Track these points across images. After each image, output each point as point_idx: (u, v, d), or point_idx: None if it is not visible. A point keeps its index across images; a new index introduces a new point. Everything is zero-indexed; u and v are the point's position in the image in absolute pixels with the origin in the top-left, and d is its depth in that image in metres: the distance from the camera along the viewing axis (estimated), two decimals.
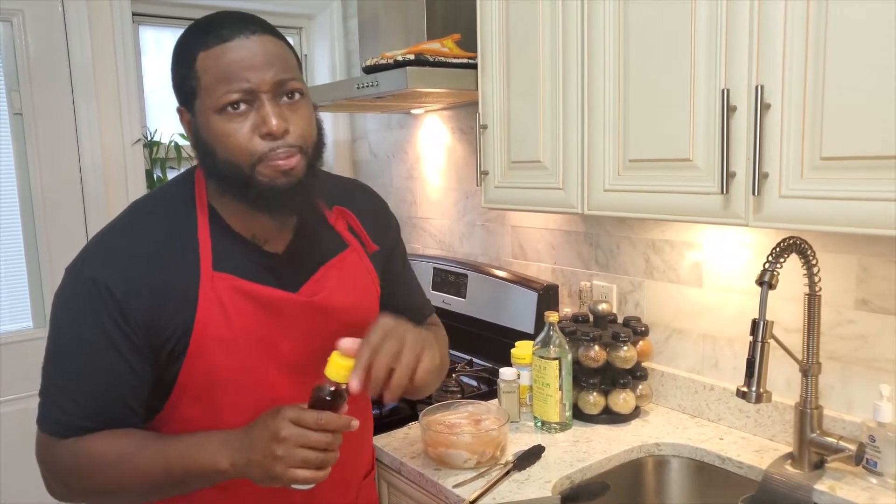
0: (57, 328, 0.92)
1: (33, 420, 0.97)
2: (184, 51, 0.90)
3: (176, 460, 0.86)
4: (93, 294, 0.87)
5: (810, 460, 1.24)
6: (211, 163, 0.89)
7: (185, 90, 0.90)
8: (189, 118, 0.92)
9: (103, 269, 0.88)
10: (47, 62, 2.01)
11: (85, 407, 0.90)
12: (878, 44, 0.91)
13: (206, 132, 0.88)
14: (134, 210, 0.97)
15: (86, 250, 0.93)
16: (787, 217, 1.03)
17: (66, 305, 0.91)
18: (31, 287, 2.06)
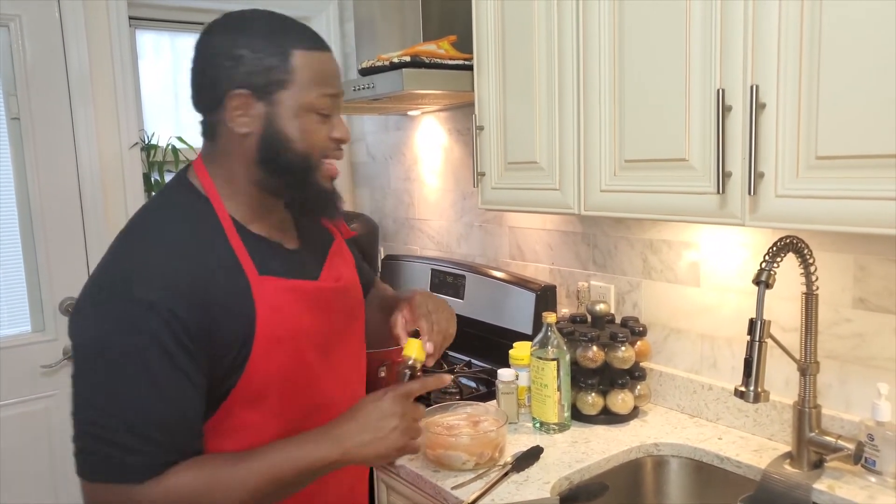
0: (111, 363, 0.82)
1: (33, 423, 0.95)
2: (274, 42, 0.89)
3: (285, 466, 0.87)
4: (153, 319, 0.82)
5: (809, 459, 1.24)
6: (282, 152, 0.91)
7: (265, 78, 0.89)
8: (256, 105, 0.90)
9: (160, 292, 0.83)
10: (44, 67, 2.01)
11: (161, 441, 0.83)
12: (873, 43, 0.91)
13: (288, 124, 0.90)
14: (160, 226, 0.91)
15: (128, 273, 0.85)
16: (784, 216, 1.03)
17: (121, 336, 0.82)
18: (29, 291, 2.06)
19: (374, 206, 2.60)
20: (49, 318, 2.07)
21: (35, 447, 2.05)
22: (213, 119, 0.93)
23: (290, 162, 0.92)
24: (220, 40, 0.90)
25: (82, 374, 0.85)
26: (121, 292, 0.83)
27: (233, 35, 0.90)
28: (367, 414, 0.91)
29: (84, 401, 0.84)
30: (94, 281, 0.88)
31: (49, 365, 2.06)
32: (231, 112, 0.90)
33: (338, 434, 0.90)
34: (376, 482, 1.51)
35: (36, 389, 2.05)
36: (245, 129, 0.91)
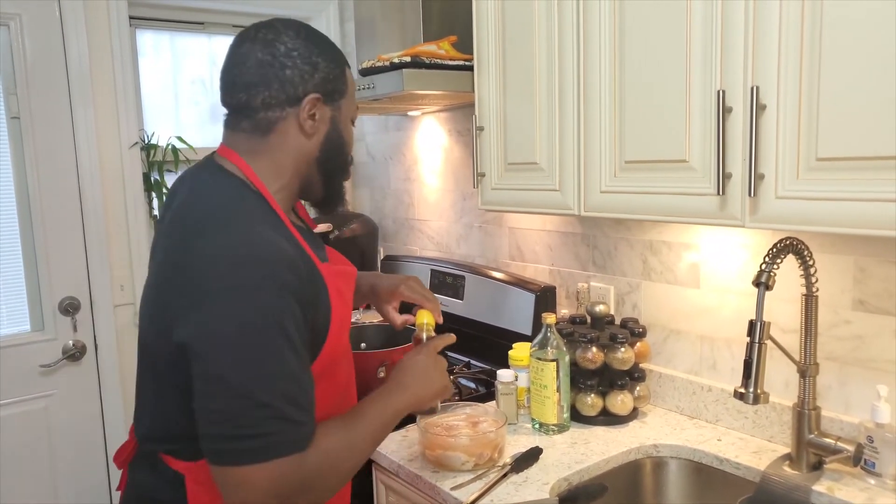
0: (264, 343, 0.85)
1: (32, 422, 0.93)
2: (336, 55, 1.01)
3: (385, 414, 1.02)
4: (290, 300, 0.87)
5: (808, 461, 1.24)
6: (341, 154, 1.03)
7: (334, 86, 0.99)
8: (324, 109, 0.99)
9: (290, 275, 0.88)
10: (44, 66, 2.01)
11: (310, 411, 0.90)
12: (874, 44, 0.91)
13: (345, 129, 1.03)
14: (245, 218, 0.92)
15: (249, 259, 0.86)
16: (784, 218, 1.03)
17: (268, 316, 0.85)
18: (28, 290, 2.06)
19: (373, 207, 2.60)
20: (48, 318, 2.07)
21: (34, 446, 2.05)
22: (276, 115, 0.96)
23: (343, 162, 1.04)
24: (297, 45, 0.96)
25: (232, 360, 0.84)
26: (254, 277, 0.86)
27: (307, 43, 0.97)
28: (415, 367, 1.10)
29: (239, 386, 0.84)
30: (207, 276, 0.86)
31: (48, 364, 2.06)
32: (304, 113, 0.97)
33: (401, 384, 1.07)
34: (375, 483, 1.51)
35: (35, 389, 2.05)
36: (313, 129, 0.98)
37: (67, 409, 2.10)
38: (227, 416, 0.84)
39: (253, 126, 0.97)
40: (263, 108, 0.96)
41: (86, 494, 2.15)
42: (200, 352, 0.85)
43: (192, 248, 0.89)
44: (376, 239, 2.44)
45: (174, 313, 0.88)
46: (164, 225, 1.00)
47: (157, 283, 0.96)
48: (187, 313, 0.86)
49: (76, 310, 2.10)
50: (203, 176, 0.99)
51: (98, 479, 2.17)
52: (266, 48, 0.95)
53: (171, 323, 0.88)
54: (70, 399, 2.11)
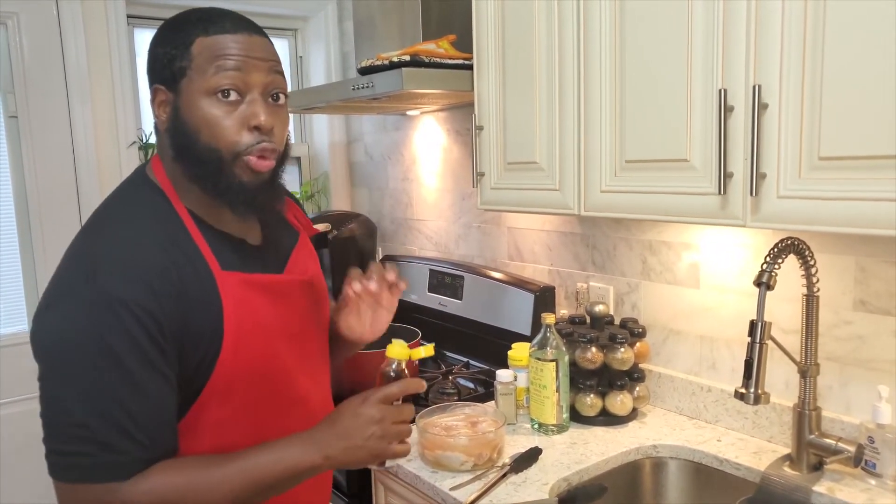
0: (87, 361, 0.80)
1: (30, 422, 0.92)
2: (177, 32, 0.89)
3: (266, 469, 0.87)
4: (124, 315, 0.80)
5: (809, 462, 1.24)
6: (190, 144, 0.88)
7: (170, 69, 0.88)
8: (168, 97, 0.90)
9: (130, 287, 0.81)
10: (42, 65, 2.00)
11: (142, 439, 0.82)
12: (876, 43, 0.91)
13: (191, 114, 0.88)
14: (122, 220, 0.89)
15: (94, 268, 0.82)
16: (785, 217, 1.03)
17: (90, 333, 0.80)
18: (26, 290, 2.06)
19: (372, 207, 2.60)
20: None
21: (32, 446, 2.02)
22: (154, 112, 0.93)
23: (199, 154, 0.89)
24: (151, 44, 0.92)
25: (56, 373, 0.82)
26: (90, 288, 0.81)
27: (155, 37, 0.92)
28: (345, 420, 0.91)
29: (60, 401, 0.81)
30: (60, 278, 0.85)
31: None
32: (155, 108, 0.91)
33: (318, 439, 0.90)
34: (374, 483, 1.50)
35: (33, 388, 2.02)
36: (162, 123, 0.91)
37: None
38: (48, 428, 0.83)
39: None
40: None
41: None
42: (36, 358, 0.85)
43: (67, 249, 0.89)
44: (375, 239, 2.43)
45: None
46: None
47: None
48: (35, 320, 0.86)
49: None
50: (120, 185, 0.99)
51: None
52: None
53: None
54: None
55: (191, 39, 0.88)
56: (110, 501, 0.81)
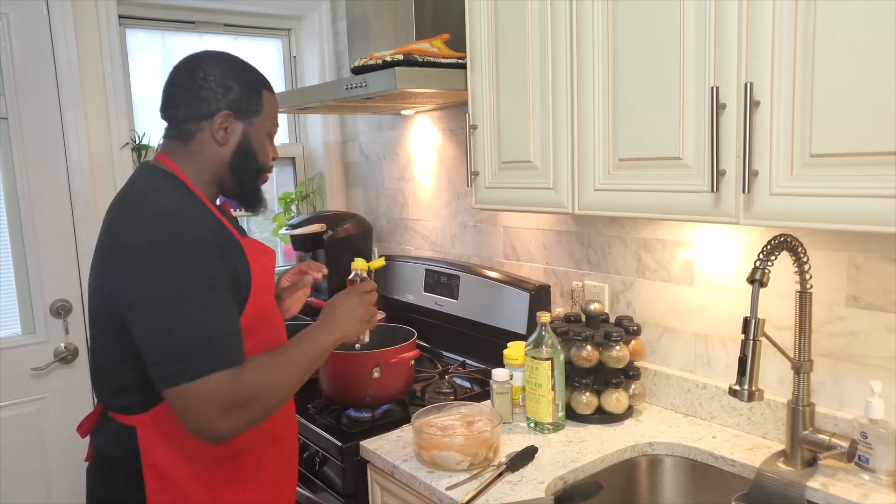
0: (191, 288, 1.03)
1: (23, 426, 0.96)
2: (253, 80, 1.21)
3: (311, 348, 1.16)
4: (207, 254, 1.06)
5: (803, 458, 1.24)
6: (249, 160, 1.21)
7: (247, 107, 1.19)
8: (237, 124, 1.19)
9: (207, 234, 1.08)
10: (33, 65, 1.99)
11: (240, 344, 1.07)
12: (868, 40, 0.91)
13: (255, 142, 1.21)
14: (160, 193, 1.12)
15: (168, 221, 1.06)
16: (778, 215, 1.03)
17: (187, 266, 1.04)
18: (18, 293, 2.05)
19: (367, 206, 2.60)
20: (39, 321, 2.05)
21: (26, 450, 2.04)
22: (193, 127, 1.17)
23: (252, 167, 1.22)
24: (214, 72, 1.17)
25: (163, 302, 1.03)
26: (179, 232, 1.05)
27: (225, 69, 1.18)
28: (341, 306, 1.24)
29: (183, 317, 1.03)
30: (144, 226, 1.06)
31: (40, 367, 2.04)
32: (216, 125, 1.17)
33: (331, 322, 1.21)
34: (370, 483, 1.50)
35: (26, 392, 2.03)
36: (224, 139, 1.18)
37: (59, 412, 2.08)
38: (168, 346, 1.02)
39: (177, 134, 1.19)
40: (184, 120, 1.17)
41: (78, 497, 2.13)
42: (137, 300, 1.03)
43: (121, 219, 1.10)
44: (370, 239, 2.43)
45: (111, 273, 1.08)
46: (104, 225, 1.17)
47: (97, 257, 1.14)
48: (121, 269, 1.06)
49: (67, 312, 2.08)
50: (136, 174, 1.20)
51: None
52: (189, 74, 1.17)
53: (111, 282, 1.07)
54: (62, 402, 2.09)
55: (259, 89, 1.21)
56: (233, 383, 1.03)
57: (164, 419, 1.09)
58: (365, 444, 1.47)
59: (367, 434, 1.52)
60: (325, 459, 1.57)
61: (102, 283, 1.10)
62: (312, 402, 1.72)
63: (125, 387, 1.12)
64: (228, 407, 1.02)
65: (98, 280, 1.12)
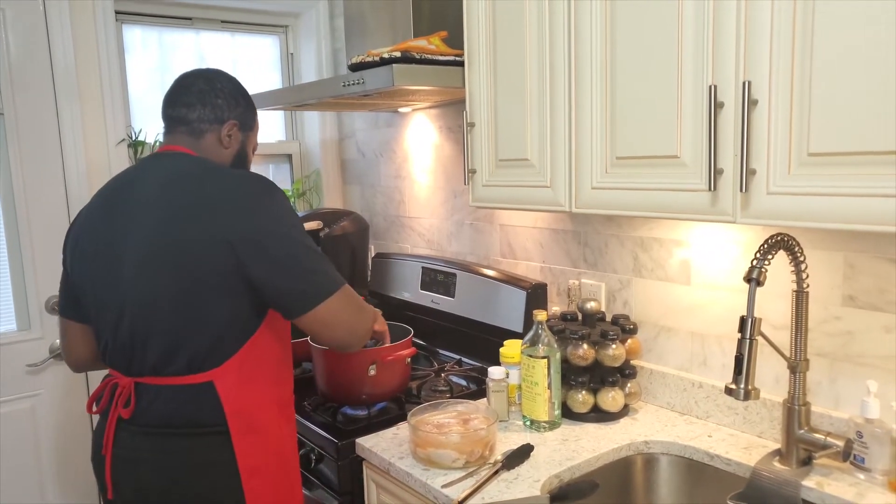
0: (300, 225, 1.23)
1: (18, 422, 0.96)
2: (251, 102, 1.41)
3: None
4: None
5: (798, 457, 1.24)
6: (242, 163, 1.40)
7: (248, 121, 1.39)
8: (239, 133, 1.37)
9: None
10: (29, 62, 1.98)
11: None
12: (865, 40, 0.91)
13: (248, 150, 1.42)
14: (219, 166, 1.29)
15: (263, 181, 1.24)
16: (775, 214, 1.03)
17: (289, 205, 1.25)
18: (14, 289, 2.04)
19: (364, 204, 2.59)
20: (34, 317, 2.05)
21: (21, 446, 2.03)
22: (205, 127, 1.32)
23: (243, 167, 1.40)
24: (227, 86, 1.35)
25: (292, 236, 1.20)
26: (272, 186, 1.24)
27: (235, 88, 1.38)
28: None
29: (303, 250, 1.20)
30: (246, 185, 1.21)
31: (35, 364, 2.04)
32: (224, 131, 1.34)
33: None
34: (366, 481, 1.50)
35: (21, 388, 2.03)
36: (228, 144, 1.36)
37: (55, 408, 2.08)
38: (306, 273, 1.19)
39: (188, 131, 1.31)
40: (198, 120, 1.31)
41: (73, 494, 2.13)
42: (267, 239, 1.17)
43: (211, 184, 1.21)
44: (367, 237, 2.42)
45: (217, 226, 1.16)
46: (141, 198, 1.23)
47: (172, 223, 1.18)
48: (239, 220, 1.16)
49: None
50: (173, 158, 1.29)
51: (86, 478, 2.15)
52: (207, 82, 1.33)
53: (213, 232, 1.15)
54: (57, 399, 2.08)
55: (255, 110, 1.42)
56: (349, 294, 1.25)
57: (241, 366, 1.21)
58: (361, 441, 1.47)
59: (363, 431, 1.52)
60: (320, 457, 1.56)
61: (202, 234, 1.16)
62: (308, 400, 1.71)
63: (201, 344, 1.18)
64: (357, 309, 1.26)
65: (186, 234, 1.17)
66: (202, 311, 1.17)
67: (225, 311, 1.18)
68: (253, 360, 1.23)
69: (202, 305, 1.17)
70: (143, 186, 1.25)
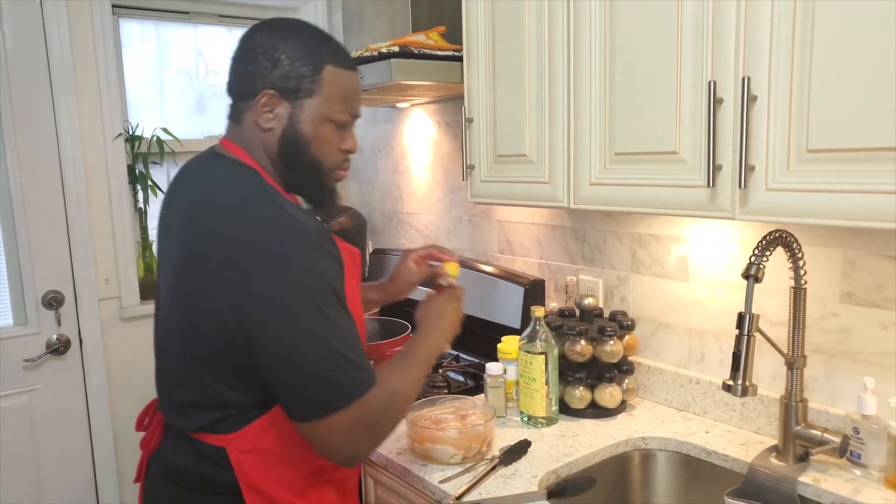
0: (321, 306, 0.92)
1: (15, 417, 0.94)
2: (309, 53, 1.00)
3: (431, 354, 1.12)
4: (332, 265, 0.95)
5: (795, 453, 1.24)
6: (297, 152, 1.03)
7: (296, 85, 1.00)
8: (283, 106, 1.01)
9: (327, 244, 0.96)
10: (25, 55, 1.97)
11: (365, 358, 0.99)
12: (865, 36, 0.91)
13: (308, 129, 1.02)
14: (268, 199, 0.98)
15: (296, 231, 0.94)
16: (774, 210, 1.03)
17: (319, 282, 0.93)
18: (11, 284, 2.03)
19: (362, 200, 2.59)
20: (31, 312, 2.04)
21: (18, 441, 2.03)
22: (242, 106, 1.03)
23: (302, 161, 1.03)
24: (265, 42, 1.00)
25: (298, 322, 0.91)
26: (304, 244, 0.93)
27: (276, 40, 0.99)
28: (446, 311, 1.21)
29: (309, 346, 0.92)
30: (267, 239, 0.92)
31: (32, 359, 2.03)
32: (259, 107, 1.00)
33: (439, 328, 1.17)
34: (364, 477, 1.50)
35: (18, 383, 2.02)
36: (268, 124, 1.01)
37: (51, 403, 2.07)
38: (303, 375, 0.92)
39: (231, 115, 1.05)
40: (236, 98, 1.04)
41: (71, 489, 2.13)
42: (266, 321, 0.91)
43: (225, 227, 0.94)
44: (365, 233, 2.42)
45: (222, 288, 0.92)
46: (176, 217, 1.03)
47: (184, 268, 0.98)
48: (243, 286, 0.91)
49: (60, 303, 2.07)
50: (213, 168, 1.04)
51: (83, 473, 2.14)
52: (241, 45, 1.02)
53: (218, 297, 0.93)
54: (54, 394, 2.08)
55: (321, 64, 1.01)
56: (367, 409, 0.95)
57: (258, 437, 1.00)
58: None
59: None
60: None
61: (201, 297, 0.95)
62: None
63: (216, 405, 0.99)
64: (367, 430, 0.96)
65: (192, 292, 0.97)
66: (209, 375, 0.99)
67: (235, 379, 0.98)
68: (278, 430, 1.00)
69: (208, 372, 0.99)
70: (179, 204, 1.04)
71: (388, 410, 0.99)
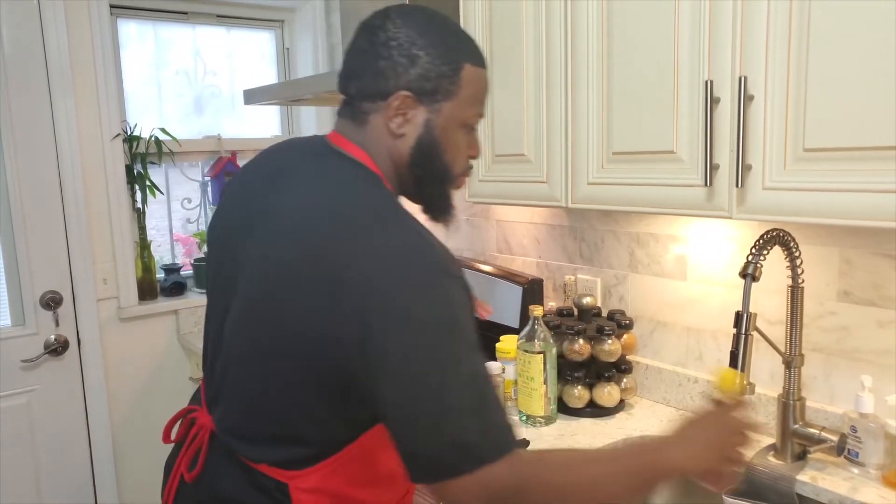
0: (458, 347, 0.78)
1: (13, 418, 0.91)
2: (451, 49, 0.88)
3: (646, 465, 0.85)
4: (467, 297, 0.81)
5: (793, 451, 1.25)
6: (430, 160, 0.91)
7: (436, 86, 0.88)
8: (418, 109, 0.88)
9: (459, 272, 0.82)
10: (23, 56, 1.97)
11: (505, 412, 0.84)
12: (862, 35, 0.91)
13: (443, 135, 0.90)
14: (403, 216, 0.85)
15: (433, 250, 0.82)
16: (771, 209, 1.03)
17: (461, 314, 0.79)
18: (9, 285, 2.03)
19: None
20: (29, 312, 2.04)
21: (16, 442, 2.02)
22: (368, 107, 0.90)
23: (433, 169, 0.92)
24: (399, 34, 0.87)
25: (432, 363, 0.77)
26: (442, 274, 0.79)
27: (412, 32, 0.87)
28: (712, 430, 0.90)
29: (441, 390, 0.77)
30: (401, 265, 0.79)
31: (29, 359, 2.03)
32: (392, 110, 0.88)
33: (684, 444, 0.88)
34: None
35: (16, 384, 2.02)
36: (401, 130, 0.89)
37: (49, 404, 2.07)
38: (433, 429, 0.77)
39: (351, 114, 0.92)
40: (358, 97, 0.90)
41: (69, 490, 2.13)
42: (396, 357, 0.77)
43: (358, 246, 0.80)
44: None
45: (348, 318, 0.78)
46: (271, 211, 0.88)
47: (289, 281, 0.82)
48: (371, 315, 0.77)
49: (58, 304, 2.07)
50: (333, 165, 0.90)
51: (81, 474, 2.14)
52: (368, 35, 0.88)
53: (340, 326, 0.78)
54: (52, 394, 2.08)
55: (461, 63, 0.89)
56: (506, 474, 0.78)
57: (325, 477, 0.88)
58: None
59: None
60: None
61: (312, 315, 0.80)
62: None
63: (289, 439, 0.88)
64: (493, 500, 0.78)
65: (303, 311, 0.81)
66: (293, 405, 0.86)
67: (316, 410, 0.85)
68: (345, 472, 0.89)
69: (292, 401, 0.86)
70: (275, 201, 0.89)
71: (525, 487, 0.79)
